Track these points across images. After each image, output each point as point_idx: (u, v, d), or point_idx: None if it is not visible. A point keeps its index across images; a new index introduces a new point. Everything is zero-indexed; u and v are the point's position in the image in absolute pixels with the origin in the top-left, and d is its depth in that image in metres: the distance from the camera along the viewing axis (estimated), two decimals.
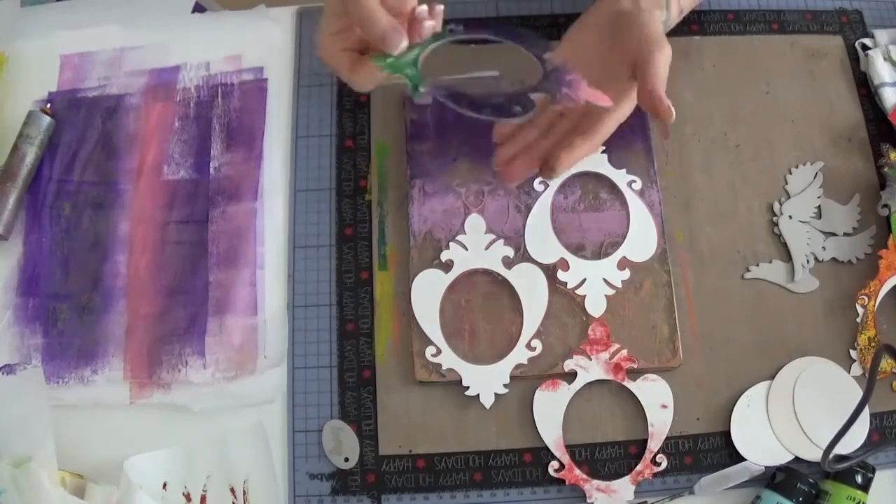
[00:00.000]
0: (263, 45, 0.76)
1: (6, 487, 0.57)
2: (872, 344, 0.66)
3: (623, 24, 0.62)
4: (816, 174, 0.71)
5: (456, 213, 0.69)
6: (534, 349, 0.65)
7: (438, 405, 0.65)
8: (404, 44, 0.54)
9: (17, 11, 0.78)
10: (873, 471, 0.61)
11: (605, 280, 0.67)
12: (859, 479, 0.60)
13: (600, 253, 0.68)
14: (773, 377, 0.65)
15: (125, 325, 0.68)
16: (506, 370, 0.65)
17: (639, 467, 0.63)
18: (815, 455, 0.62)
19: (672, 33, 0.76)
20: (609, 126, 0.62)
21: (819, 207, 0.70)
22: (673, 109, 0.58)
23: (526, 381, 0.65)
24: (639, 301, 0.67)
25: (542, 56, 0.57)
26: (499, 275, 0.67)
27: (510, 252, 0.68)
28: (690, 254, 0.69)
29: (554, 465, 0.63)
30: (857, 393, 0.63)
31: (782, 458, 0.63)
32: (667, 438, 0.64)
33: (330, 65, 0.59)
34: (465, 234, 0.68)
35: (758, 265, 0.68)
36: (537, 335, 0.66)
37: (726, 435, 0.64)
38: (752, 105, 0.73)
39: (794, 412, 0.64)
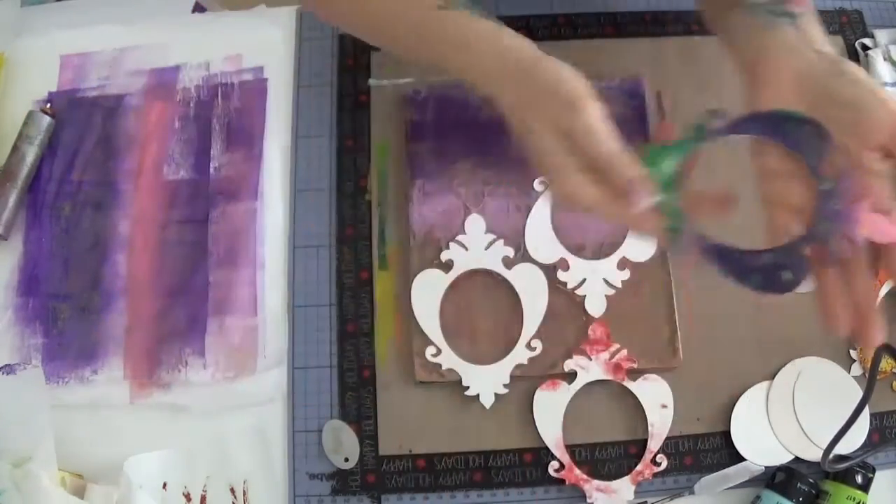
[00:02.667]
0: (263, 45, 0.76)
1: (6, 487, 0.57)
2: None
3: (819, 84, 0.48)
4: None
5: (456, 213, 0.69)
6: (534, 349, 0.65)
7: (438, 405, 0.65)
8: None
9: (17, 11, 0.78)
10: (873, 471, 0.61)
11: (605, 280, 0.67)
12: (859, 479, 0.60)
13: (600, 253, 0.68)
14: (773, 377, 0.65)
15: (125, 325, 0.68)
16: (506, 370, 0.65)
17: (639, 467, 0.63)
18: (815, 455, 0.62)
19: (672, 33, 0.76)
20: None
21: None
22: None
23: (526, 381, 0.65)
24: (639, 301, 0.67)
25: (817, 168, 0.45)
26: (499, 275, 0.67)
27: (510, 252, 0.68)
28: (690, 254, 0.69)
29: (554, 465, 0.63)
30: (857, 393, 0.63)
31: (782, 458, 0.63)
32: (667, 438, 0.64)
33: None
34: (465, 234, 0.68)
35: None
36: (537, 335, 0.66)
37: (726, 435, 0.64)
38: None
39: (794, 412, 0.64)
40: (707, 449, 0.64)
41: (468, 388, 0.64)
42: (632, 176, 0.45)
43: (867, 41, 0.75)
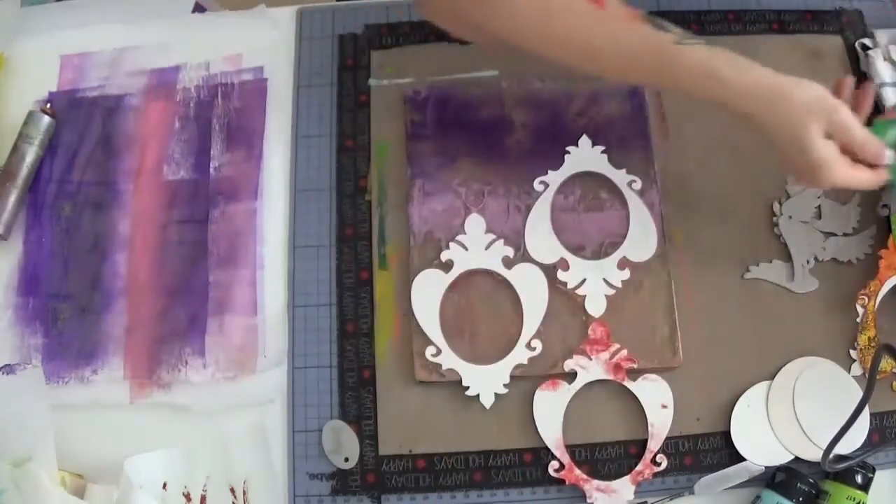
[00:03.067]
0: (263, 45, 0.76)
1: (6, 487, 0.57)
2: (872, 344, 0.66)
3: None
4: None
5: (456, 213, 0.69)
6: (534, 349, 0.65)
7: (438, 405, 0.65)
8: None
9: (17, 11, 0.78)
10: (873, 471, 0.61)
11: (605, 280, 0.67)
12: (859, 479, 0.60)
13: (600, 253, 0.68)
14: (773, 377, 0.65)
15: (125, 325, 0.68)
16: (506, 370, 0.65)
17: (639, 467, 0.63)
18: (815, 455, 0.62)
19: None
20: None
21: (819, 207, 0.70)
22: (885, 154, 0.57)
23: (526, 381, 0.65)
24: (639, 301, 0.67)
25: None
26: (499, 275, 0.67)
27: (510, 252, 0.68)
28: (690, 254, 0.69)
29: (554, 465, 0.63)
30: (857, 393, 0.63)
31: (782, 458, 0.63)
32: (667, 438, 0.64)
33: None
34: (465, 234, 0.68)
35: (758, 265, 0.68)
36: (537, 335, 0.66)
37: (726, 435, 0.64)
38: None
39: (794, 412, 0.64)
40: (707, 449, 0.64)
41: (468, 388, 0.64)
42: (880, 149, 0.57)
43: (867, 41, 0.75)
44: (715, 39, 0.75)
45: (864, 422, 0.63)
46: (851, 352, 0.66)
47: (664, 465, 0.63)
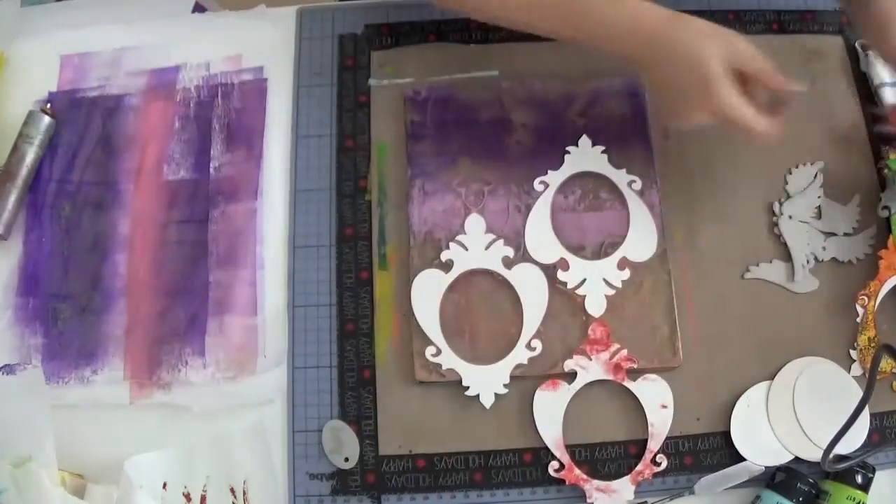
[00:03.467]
0: (263, 45, 0.76)
1: (6, 487, 0.57)
2: (872, 344, 0.66)
3: None
4: (816, 174, 0.71)
5: (456, 213, 0.69)
6: (534, 349, 0.65)
7: (438, 405, 0.65)
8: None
9: (17, 11, 0.78)
10: (873, 471, 0.61)
11: (605, 280, 0.67)
12: (859, 479, 0.60)
13: (600, 253, 0.68)
14: (773, 377, 0.65)
15: (125, 325, 0.68)
16: (506, 370, 0.65)
17: (639, 467, 0.63)
18: (815, 455, 0.62)
19: None
20: None
21: (819, 207, 0.70)
22: None
23: (526, 381, 0.65)
24: (639, 301, 0.67)
25: None
26: (499, 275, 0.67)
27: (510, 252, 0.68)
28: (690, 254, 0.69)
29: (554, 465, 0.63)
30: (857, 393, 0.63)
31: (782, 458, 0.63)
32: (667, 438, 0.64)
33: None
34: (465, 234, 0.68)
35: (758, 265, 0.68)
36: (537, 335, 0.66)
37: (726, 435, 0.64)
38: None
39: (794, 412, 0.64)
40: (707, 449, 0.64)
41: (468, 388, 0.64)
42: (784, 80, 0.59)
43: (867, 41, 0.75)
44: None
45: (864, 422, 0.63)
46: (851, 352, 0.66)
47: (664, 465, 0.63)
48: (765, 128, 0.58)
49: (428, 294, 0.67)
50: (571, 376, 0.65)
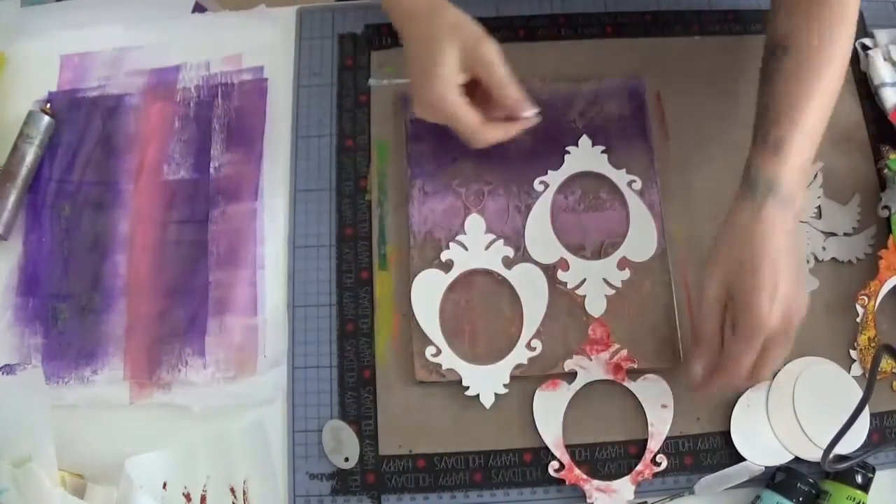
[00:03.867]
0: (263, 45, 0.76)
1: (6, 487, 0.57)
2: (872, 344, 0.66)
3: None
4: (816, 174, 0.71)
5: (456, 213, 0.69)
6: (534, 349, 0.65)
7: (438, 405, 0.65)
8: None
9: (17, 11, 0.78)
10: (873, 471, 0.61)
11: (605, 280, 0.67)
12: (859, 479, 0.60)
13: (600, 253, 0.68)
14: (773, 377, 0.65)
15: (125, 325, 0.68)
16: (506, 370, 0.65)
17: (639, 467, 0.63)
18: (815, 455, 0.62)
19: (673, 33, 0.76)
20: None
21: (819, 207, 0.70)
22: None
23: (526, 381, 0.65)
24: (639, 301, 0.67)
25: None
26: (499, 275, 0.67)
27: (510, 252, 0.68)
28: (690, 254, 0.69)
29: (554, 465, 0.63)
30: (857, 393, 0.63)
31: (782, 458, 0.63)
32: (667, 438, 0.64)
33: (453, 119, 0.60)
34: (465, 234, 0.68)
35: None
36: (537, 335, 0.66)
37: (726, 435, 0.64)
38: (752, 105, 0.73)
39: (794, 412, 0.64)
40: (707, 449, 0.64)
41: (468, 388, 0.64)
42: (519, 97, 0.59)
43: (867, 41, 0.75)
44: (715, 39, 0.76)
45: (864, 422, 0.63)
46: (851, 352, 0.66)
47: (664, 465, 0.63)
48: (484, 138, 0.60)
49: (428, 294, 0.67)
50: (571, 376, 0.65)
